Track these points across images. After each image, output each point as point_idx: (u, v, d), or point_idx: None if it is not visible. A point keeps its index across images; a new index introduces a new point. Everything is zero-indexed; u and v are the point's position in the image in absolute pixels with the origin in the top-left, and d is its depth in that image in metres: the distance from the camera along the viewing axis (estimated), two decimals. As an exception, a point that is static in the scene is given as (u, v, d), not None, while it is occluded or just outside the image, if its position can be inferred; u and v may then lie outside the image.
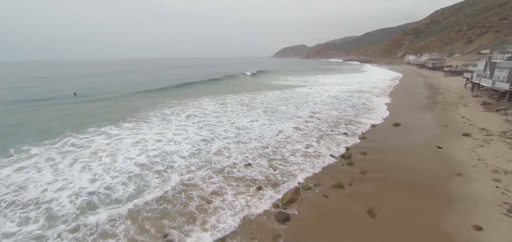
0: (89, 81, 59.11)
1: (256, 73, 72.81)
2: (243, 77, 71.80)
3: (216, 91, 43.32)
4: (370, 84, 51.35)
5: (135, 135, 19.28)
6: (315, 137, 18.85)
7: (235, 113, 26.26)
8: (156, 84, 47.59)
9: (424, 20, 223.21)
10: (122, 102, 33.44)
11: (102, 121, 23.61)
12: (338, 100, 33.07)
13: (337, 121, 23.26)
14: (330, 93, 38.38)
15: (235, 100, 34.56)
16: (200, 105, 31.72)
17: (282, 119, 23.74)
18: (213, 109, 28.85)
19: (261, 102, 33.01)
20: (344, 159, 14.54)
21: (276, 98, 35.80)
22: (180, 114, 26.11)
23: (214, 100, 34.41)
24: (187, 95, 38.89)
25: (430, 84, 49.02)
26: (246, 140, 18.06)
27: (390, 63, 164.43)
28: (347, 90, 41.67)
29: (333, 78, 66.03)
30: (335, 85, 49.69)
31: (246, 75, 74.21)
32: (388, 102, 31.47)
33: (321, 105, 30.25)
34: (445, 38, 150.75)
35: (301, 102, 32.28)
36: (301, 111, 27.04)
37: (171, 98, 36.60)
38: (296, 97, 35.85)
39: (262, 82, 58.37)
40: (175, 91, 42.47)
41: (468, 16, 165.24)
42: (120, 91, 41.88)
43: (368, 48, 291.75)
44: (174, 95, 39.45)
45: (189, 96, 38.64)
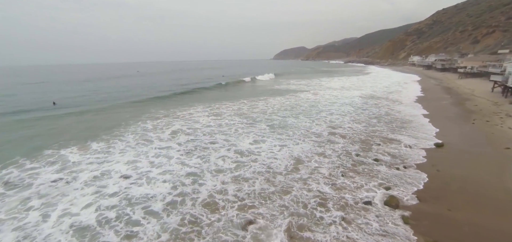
0: (78, 87, 54.18)
1: (256, 78, 67.81)
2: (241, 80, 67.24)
3: (210, 98, 38.55)
4: (384, 88, 46.37)
5: (98, 165, 14.48)
6: (347, 167, 13.74)
7: (233, 128, 21.42)
8: (147, 92, 42.64)
9: (426, 20, 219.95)
10: (103, 114, 28.57)
11: (67, 141, 18.86)
12: (355, 109, 28.03)
13: (368, 140, 18.03)
14: (343, 100, 33.35)
15: (231, 109, 29.82)
16: (190, 116, 26.99)
17: (295, 138, 18.49)
18: (205, 122, 24.09)
19: (262, 111, 28.27)
20: (392, 209, 9.73)
21: (280, 106, 31.05)
22: (165, 130, 21.29)
23: (208, 110, 29.66)
24: (177, 103, 34.14)
25: (448, 88, 44.42)
26: (250, 175, 12.84)
27: (393, 64, 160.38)
28: (360, 96, 36.73)
29: (338, 82, 61.37)
30: (344, 90, 44.93)
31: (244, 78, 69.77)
32: (425, 113, 25.90)
33: (338, 115, 25.10)
34: (449, 38, 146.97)
35: (312, 111, 27.25)
36: (316, 125, 21.79)
37: (159, 107, 31.90)
38: (303, 105, 31.01)
39: (261, 87, 53.60)
40: (166, 99, 37.75)
41: (472, 16, 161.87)
42: (106, 100, 37.04)
43: (369, 49, 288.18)
44: (164, 103, 34.69)
45: (180, 103, 33.91)
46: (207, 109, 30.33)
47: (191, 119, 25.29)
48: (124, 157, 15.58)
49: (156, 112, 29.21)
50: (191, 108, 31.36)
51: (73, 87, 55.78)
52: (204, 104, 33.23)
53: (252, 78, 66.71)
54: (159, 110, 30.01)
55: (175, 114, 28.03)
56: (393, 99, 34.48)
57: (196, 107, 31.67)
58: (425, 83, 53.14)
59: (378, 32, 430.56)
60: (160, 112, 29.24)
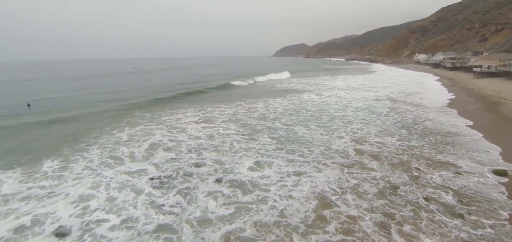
0: (65, 86, 50.03)
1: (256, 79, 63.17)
2: (238, 78, 63.01)
3: (201, 99, 34.52)
4: (399, 88, 41.99)
5: (36, 201, 10.51)
6: (401, 215, 9.00)
7: (228, 142, 17.38)
8: (136, 93, 38.36)
9: (430, 17, 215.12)
10: (80, 119, 24.44)
11: (17, 157, 14.98)
12: (377, 115, 23.77)
13: (409, 163, 13.49)
14: (356, 104, 29.05)
15: (226, 113, 25.81)
16: (177, 121, 23.05)
17: (310, 159, 14.03)
18: (193, 131, 20.09)
19: (263, 116, 24.25)
20: None
21: (282, 110, 27.02)
22: (141, 143, 17.30)
23: (198, 114, 25.69)
24: (166, 105, 30.08)
25: (467, 89, 40.34)
26: (253, 232, 8.30)
27: (397, 62, 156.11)
28: (375, 98, 32.44)
29: (343, 81, 57.19)
30: (351, 90, 40.79)
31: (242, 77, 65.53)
32: (470, 123, 20.66)
33: (360, 124, 20.78)
34: (456, 35, 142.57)
35: (324, 117, 23.16)
36: (336, 139, 17.28)
37: (145, 110, 27.93)
38: (310, 109, 26.98)
39: (260, 85, 49.30)
40: (154, 100, 33.65)
41: (478, 13, 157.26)
42: (89, 101, 32.97)
43: (371, 46, 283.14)
44: (151, 105, 30.60)
45: (169, 105, 29.89)
46: (198, 113, 26.35)
47: (177, 127, 21.32)
48: (76, 187, 11.61)
49: (140, 116, 25.29)
50: (180, 111, 27.41)
51: (60, 85, 51.66)
52: (195, 106, 29.25)
53: (267, 79, 59.57)
54: (144, 114, 26.09)
55: (160, 119, 24.09)
56: (416, 102, 30.05)
57: (186, 110, 27.70)
58: (443, 83, 48.68)
59: (380, 29, 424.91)
60: (144, 116, 25.36)
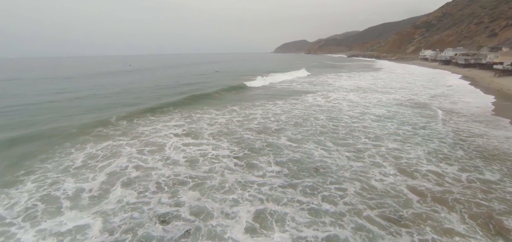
0: (49, 87, 44.60)
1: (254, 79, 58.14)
2: (233, 77, 58.20)
3: (190, 101, 29.85)
4: (419, 89, 36.99)
5: None
6: None
7: (216, 172, 12.69)
8: (120, 97, 33.28)
9: (435, 12, 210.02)
10: (38, 139, 19.73)
11: None
12: (411, 127, 18.58)
13: (500, 221, 8.61)
14: (376, 110, 23.90)
15: (216, 122, 21.21)
16: (155, 133, 18.53)
17: (346, 209, 9.22)
18: (171, 150, 15.47)
19: (263, 128, 19.61)
20: None
21: (285, 118, 22.38)
22: (97, 172, 12.70)
23: (183, 123, 21.14)
24: (148, 110, 25.27)
25: (495, 90, 35.59)
26: None
27: (401, 59, 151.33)
28: (396, 102, 27.21)
29: (349, 79, 52.37)
30: (363, 92, 35.97)
31: (237, 75, 60.81)
32: None
33: (395, 142, 15.70)
34: (464, 31, 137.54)
35: (340, 129, 18.43)
36: (372, 167, 12.45)
37: (124, 117, 23.21)
38: (320, 117, 22.26)
39: (250, 86, 43.97)
40: (137, 105, 29.01)
41: (486, 8, 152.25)
42: (62, 109, 28.19)
43: (374, 43, 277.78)
44: (132, 110, 25.92)
45: (152, 110, 25.13)
46: (183, 121, 21.81)
47: (153, 143, 16.75)
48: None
49: (115, 125, 20.76)
50: (163, 117, 22.92)
51: (41, 87, 46.49)
52: (181, 112, 24.70)
53: (284, 81, 50.68)
54: (120, 122, 21.52)
55: (137, 130, 19.58)
56: (450, 108, 24.68)
57: (170, 116, 23.19)
58: (472, 82, 43.46)
59: (382, 25, 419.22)
60: (119, 124, 20.90)
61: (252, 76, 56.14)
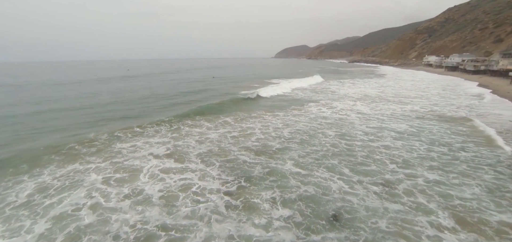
0: (31, 96, 41.79)
1: None
2: (229, 80, 55.10)
3: (181, 112, 26.64)
4: (437, 98, 33.49)
5: None
6: None
7: (201, 218, 9.37)
8: (108, 107, 29.76)
9: (437, 18, 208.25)
10: None
11: None
12: (448, 149, 15.14)
13: None
14: (393, 124, 20.60)
15: (206, 139, 18.04)
16: (132, 154, 15.37)
17: None
18: (146, 180, 12.26)
19: (262, 147, 16.39)
20: None
21: (288, 133, 19.17)
22: (44, 211, 9.53)
23: (168, 139, 18.03)
24: (134, 121, 22.19)
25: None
26: None
27: (404, 64, 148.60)
28: (415, 115, 23.70)
29: (354, 86, 49.19)
30: (372, 101, 32.73)
31: (234, 77, 57.77)
32: None
33: (433, 172, 12.37)
34: (468, 36, 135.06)
35: (359, 152, 15.05)
36: (418, 214, 9.06)
37: (104, 129, 20.25)
38: (328, 133, 19.03)
39: (253, 93, 40.60)
40: (122, 116, 25.89)
41: (490, 13, 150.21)
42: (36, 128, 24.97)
43: (375, 48, 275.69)
44: (116, 121, 22.84)
45: (138, 121, 22.07)
46: (169, 136, 18.71)
47: (125, 167, 13.61)
48: None
49: (92, 142, 17.62)
50: (146, 131, 19.74)
51: (24, 95, 43.07)
52: (170, 124, 21.54)
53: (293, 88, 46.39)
54: (100, 137, 18.40)
55: (111, 149, 16.46)
56: (483, 123, 21.02)
57: (156, 130, 20.02)
58: (495, 91, 40.00)
59: (382, 30, 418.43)
60: (98, 140, 17.81)
61: (257, 83, 53.14)
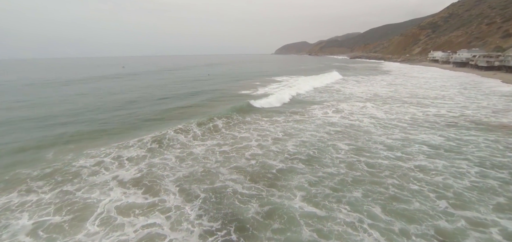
0: (9, 98, 38.12)
1: None
2: (225, 79, 51.36)
3: (165, 117, 23.08)
4: (460, 98, 29.76)
5: None
6: None
7: None
8: (88, 114, 25.38)
9: (440, 13, 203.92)
10: None
11: None
12: (508, 173, 11.44)
13: None
14: (419, 134, 16.76)
15: (190, 155, 14.38)
16: (88, 182, 11.61)
17: None
18: (93, 226, 8.64)
19: (260, 169, 12.72)
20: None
21: (292, 148, 15.49)
22: None
23: (144, 152, 14.50)
24: (109, 132, 18.57)
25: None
26: None
27: (408, 60, 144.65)
28: (444, 122, 19.78)
29: (360, 85, 45.38)
30: (383, 102, 28.88)
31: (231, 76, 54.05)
32: None
33: (500, 211, 8.69)
34: (474, 32, 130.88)
35: (387, 179, 11.31)
36: None
37: (74, 141, 16.83)
38: (341, 147, 15.36)
39: (250, 95, 35.74)
40: (99, 125, 22.18)
41: (495, 8, 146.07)
42: None
43: (376, 44, 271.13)
44: (89, 132, 19.14)
45: (114, 132, 18.46)
46: (142, 150, 15.03)
47: (74, 203, 10.15)
48: None
49: (50, 164, 13.82)
50: (121, 142, 16.12)
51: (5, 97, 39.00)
52: (148, 134, 17.70)
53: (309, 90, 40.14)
54: (61, 156, 14.66)
55: (68, 170, 12.72)
56: None
57: (129, 142, 16.18)
58: None
59: (383, 26, 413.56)
60: (58, 160, 14.11)
61: (258, 82, 49.37)
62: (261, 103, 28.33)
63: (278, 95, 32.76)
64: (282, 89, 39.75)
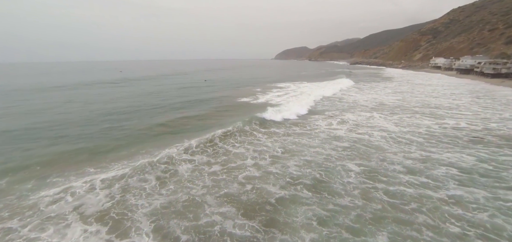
0: None
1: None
2: (224, 86, 49.22)
3: (159, 129, 20.75)
4: (474, 109, 27.05)
5: None
6: None
7: None
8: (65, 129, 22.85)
9: (441, 19, 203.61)
10: None
11: None
12: None
13: None
14: (442, 153, 14.18)
15: (172, 177, 12.01)
16: (44, 215, 9.23)
17: None
18: None
19: (256, 197, 10.41)
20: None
21: (294, 167, 13.20)
22: None
23: (118, 169, 11.92)
24: (77, 153, 16.10)
25: None
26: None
27: (409, 66, 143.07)
28: (465, 136, 17.51)
29: (361, 92, 43.22)
30: (387, 111, 26.70)
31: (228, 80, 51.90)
32: None
33: None
34: (476, 38, 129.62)
35: (413, 209, 9.14)
36: None
37: (34, 167, 14.25)
38: (351, 168, 13.08)
39: (250, 103, 33.40)
40: (80, 140, 19.85)
41: (497, 14, 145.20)
42: None
43: (376, 49, 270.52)
44: (57, 154, 16.71)
45: (78, 155, 15.93)
46: (117, 169, 12.62)
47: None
48: None
49: (7, 191, 11.50)
50: (99, 163, 13.72)
51: None
52: (125, 150, 15.30)
53: None
54: (22, 186, 12.27)
55: (24, 203, 10.34)
56: None
57: (105, 164, 13.82)
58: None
59: (383, 32, 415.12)
60: (13, 191, 11.62)
61: (259, 87, 47.20)
62: (272, 115, 24.34)
63: (292, 105, 29.63)
64: (290, 95, 37.23)
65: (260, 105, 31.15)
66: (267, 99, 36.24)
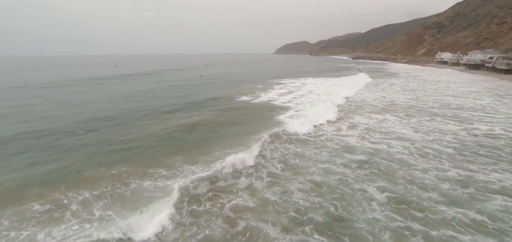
0: None
1: None
2: (221, 86, 46.06)
3: (135, 148, 17.06)
4: (504, 111, 23.98)
5: None
6: None
7: None
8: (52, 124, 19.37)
9: (445, 13, 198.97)
10: None
11: None
12: None
13: None
14: (482, 173, 11.54)
15: (156, 217, 8.93)
16: None
17: None
18: None
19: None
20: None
21: (300, 199, 10.22)
22: None
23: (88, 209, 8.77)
24: (51, 172, 13.13)
25: None
26: None
27: (413, 61, 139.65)
28: (499, 147, 14.70)
29: (368, 90, 40.09)
30: (401, 112, 23.63)
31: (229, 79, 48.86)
32: None
33: None
34: (483, 32, 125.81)
35: None
36: None
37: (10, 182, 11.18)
38: (367, 190, 10.36)
39: (249, 106, 28.02)
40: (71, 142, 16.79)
41: (504, 7, 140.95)
42: None
43: (378, 44, 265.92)
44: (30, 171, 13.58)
45: (56, 169, 12.90)
46: (88, 196, 9.53)
47: None
48: None
49: None
50: (56, 191, 10.66)
51: None
52: (82, 183, 12.24)
53: None
54: None
55: None
56: None
57: (77, 193, 10.81)
58: None
59: (385, 26, 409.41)
60: None
61: (260, 85, 44.14)
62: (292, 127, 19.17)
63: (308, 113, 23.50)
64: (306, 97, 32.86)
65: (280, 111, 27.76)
66: (269, 97, 32.89)
